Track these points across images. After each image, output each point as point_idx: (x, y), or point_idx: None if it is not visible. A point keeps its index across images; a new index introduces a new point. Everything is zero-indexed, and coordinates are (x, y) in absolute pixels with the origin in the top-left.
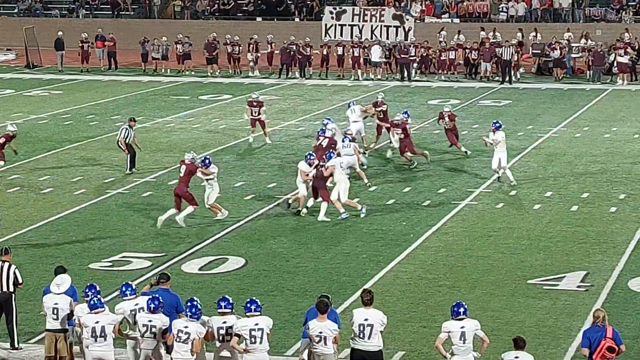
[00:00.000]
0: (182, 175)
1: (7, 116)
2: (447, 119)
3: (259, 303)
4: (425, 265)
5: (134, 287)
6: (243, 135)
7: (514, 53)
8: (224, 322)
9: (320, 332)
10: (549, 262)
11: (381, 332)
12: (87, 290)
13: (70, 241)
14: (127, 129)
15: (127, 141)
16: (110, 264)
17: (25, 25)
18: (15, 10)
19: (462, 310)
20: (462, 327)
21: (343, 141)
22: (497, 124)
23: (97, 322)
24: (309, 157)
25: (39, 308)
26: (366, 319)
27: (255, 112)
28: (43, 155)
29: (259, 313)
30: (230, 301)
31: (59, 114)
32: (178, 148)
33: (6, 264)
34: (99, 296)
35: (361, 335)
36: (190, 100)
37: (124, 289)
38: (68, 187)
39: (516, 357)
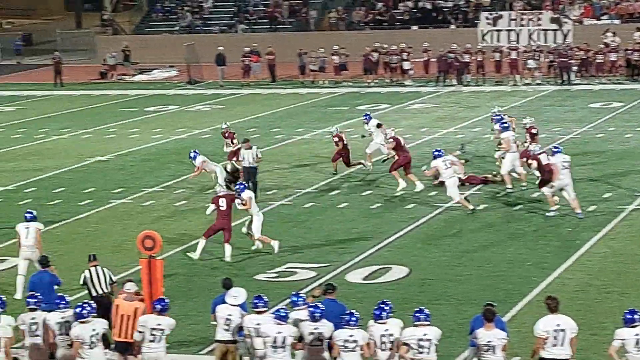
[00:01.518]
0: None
1: (170, 131)
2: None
3: (428, 313)
4: (593, 272)
5: (304, 297)
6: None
7: None
8: (386, 330)
9: (489, 341)
10: None
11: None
12: (256, 302)
13: (237, 253)
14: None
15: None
16: (276, 274)
17: (186, 42)
18: (176, 28)
19: (636, 317)
20: (637, 335)
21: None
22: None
23: (279, 333)
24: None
25: (208, 319)
26: (558, 324)
27: (227, 144)
28: None
29: (428, 323)
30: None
31: (221, 128)
32: None
33: (99, 268)
34: (285, 307)
35: (555, 343)
36: (348, 111)
37: (294, 298)
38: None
39: None
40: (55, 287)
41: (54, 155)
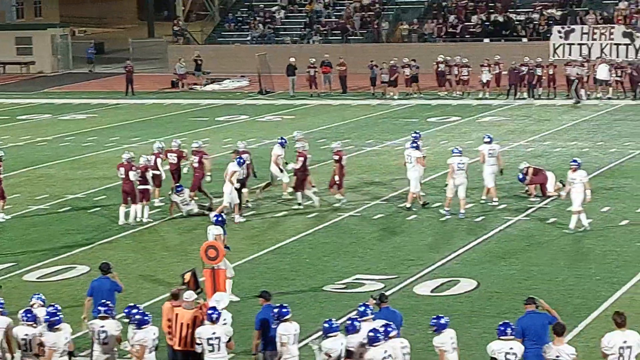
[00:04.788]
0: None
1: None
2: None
3: (514, 327)
4: None
5: (372, 308)
6: (473, 156)
7: None
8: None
9: (557, 356)
10: None
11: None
12: (281, 310)
13: (304, 264)
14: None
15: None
16: (344, 286)
17: (257, 52)
18: (248, 38)
19: None
20: None
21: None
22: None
23: (342, 344)
24: None
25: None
26: (625, 341)
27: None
28: None
29: (513, 337)
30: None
31: (292, 138)
32: None
33: None
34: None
35: (620, 359)
36: (418, 123)
37: (362, 309)
38: (301, 209)
39: None
40: (116, 293)
41: None
